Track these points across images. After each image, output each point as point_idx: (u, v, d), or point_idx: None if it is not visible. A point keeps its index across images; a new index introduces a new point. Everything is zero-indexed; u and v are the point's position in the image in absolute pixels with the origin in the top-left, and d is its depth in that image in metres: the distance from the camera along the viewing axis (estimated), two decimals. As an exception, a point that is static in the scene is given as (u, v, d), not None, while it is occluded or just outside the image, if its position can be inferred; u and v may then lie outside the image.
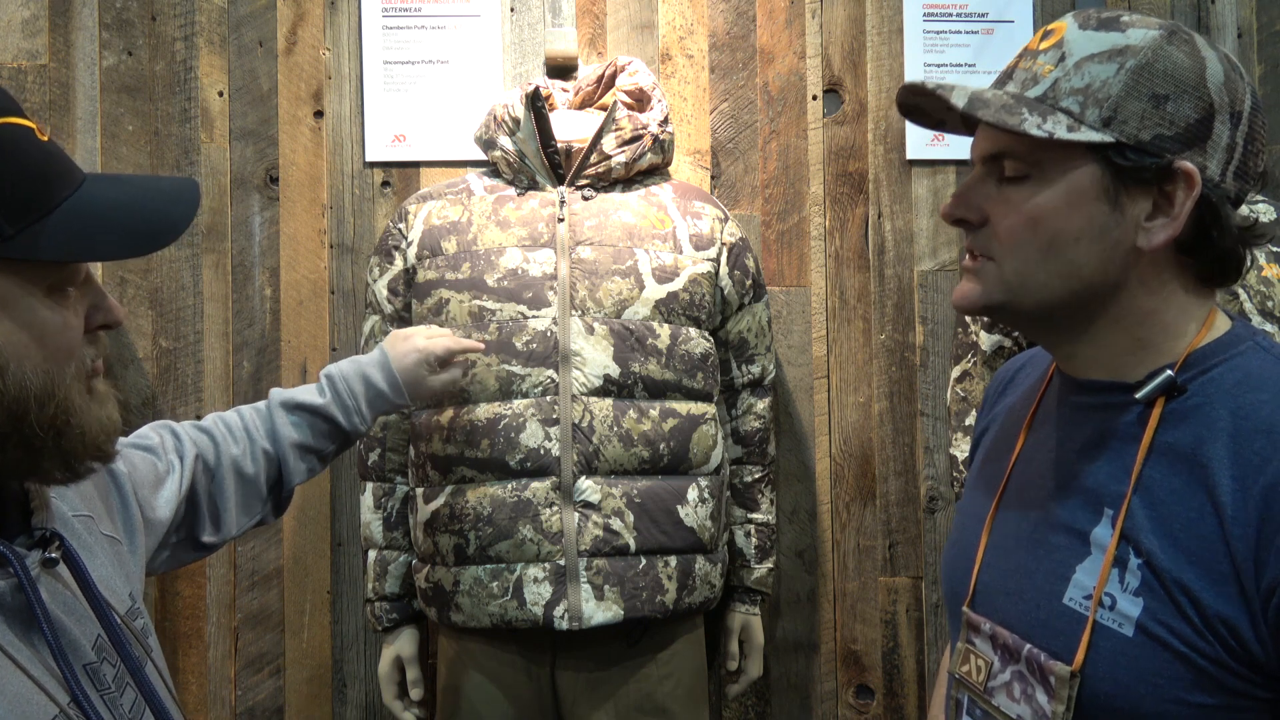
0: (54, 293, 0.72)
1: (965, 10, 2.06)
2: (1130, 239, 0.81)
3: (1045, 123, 0.79)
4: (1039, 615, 0.84)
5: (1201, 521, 0.76)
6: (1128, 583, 0.78)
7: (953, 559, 0.99)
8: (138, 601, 0.90)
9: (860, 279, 2.05)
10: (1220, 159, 0.80)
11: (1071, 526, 0.84)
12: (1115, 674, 0.77)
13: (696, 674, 1.72)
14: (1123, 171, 0.79)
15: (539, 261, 1.65)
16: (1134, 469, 0.80)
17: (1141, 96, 0.79)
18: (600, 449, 1.60)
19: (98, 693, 0.75)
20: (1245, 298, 1.67)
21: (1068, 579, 0.82)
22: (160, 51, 1.97)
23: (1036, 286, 0.83)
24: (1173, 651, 0.75)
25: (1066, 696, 0.79)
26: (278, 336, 1.97)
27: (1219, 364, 0.81)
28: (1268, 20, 2.10)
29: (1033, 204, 0.82)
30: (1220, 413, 0.78)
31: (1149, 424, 0.81)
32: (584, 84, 1.86)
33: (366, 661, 1.98)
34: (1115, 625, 0.78)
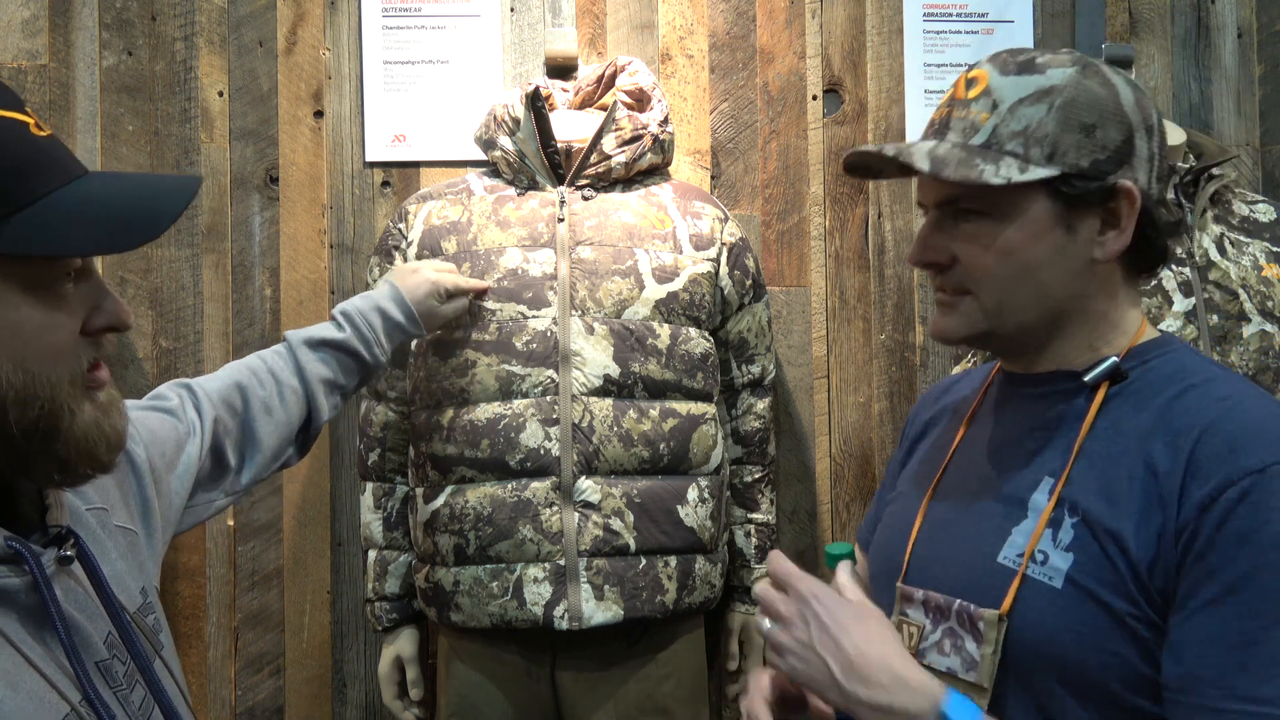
0: (37, 290, 0.69)
1: (965, 10, 2.06)
2: (1086, 254, 0.90)
3: (1000, 169, 0.88)
4: (972, 575, 0.90)
5: (1137, 481, 0.83)
6: (1060, 539, 0.85)
7: (884, 541, 1.04)
8: (150, 596, 0.89)
9: (860, 279, 2.05)
10: (1146, 169, 0.90)
11: (1012, 495, 0.91)
12: (1042, 621, 0.84)
13: (696, 674, 1.72)
14: (1071, 198, 0.89)
15: (539, 261, 1.65)
16: (1077, 441, 0.89)
17: (1073, 129, 0.88)
18: (600, 449, 1.60)
19: (110, 690, 0.75)
20: (1245, 297, 1.67)
21: (1004, 540, 0.89)
22: (160, 51, 1.97)
23: (1014, 310, 0.92)
24: (1097, 602, 0.82)
25: (995, 639, 0.85)
26: (278, 336, 1.97)
27: (1157, 357, 0.91)
28: (1268, 20, 2.10)
29: (1000, 240, 0.90)
30: (1157, 396, 0.88)
31: (1094, 404, 0.90)
32: (584, 84, 1.86)
33: (366, 661, 1.98)
34: (1045, 579, 0.85)
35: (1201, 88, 2.09)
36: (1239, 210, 1.77)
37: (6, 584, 0.70)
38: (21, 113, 0.70)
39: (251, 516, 1.96)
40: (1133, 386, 0.90)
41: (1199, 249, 1.70)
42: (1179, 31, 2.09)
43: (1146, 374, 0.90)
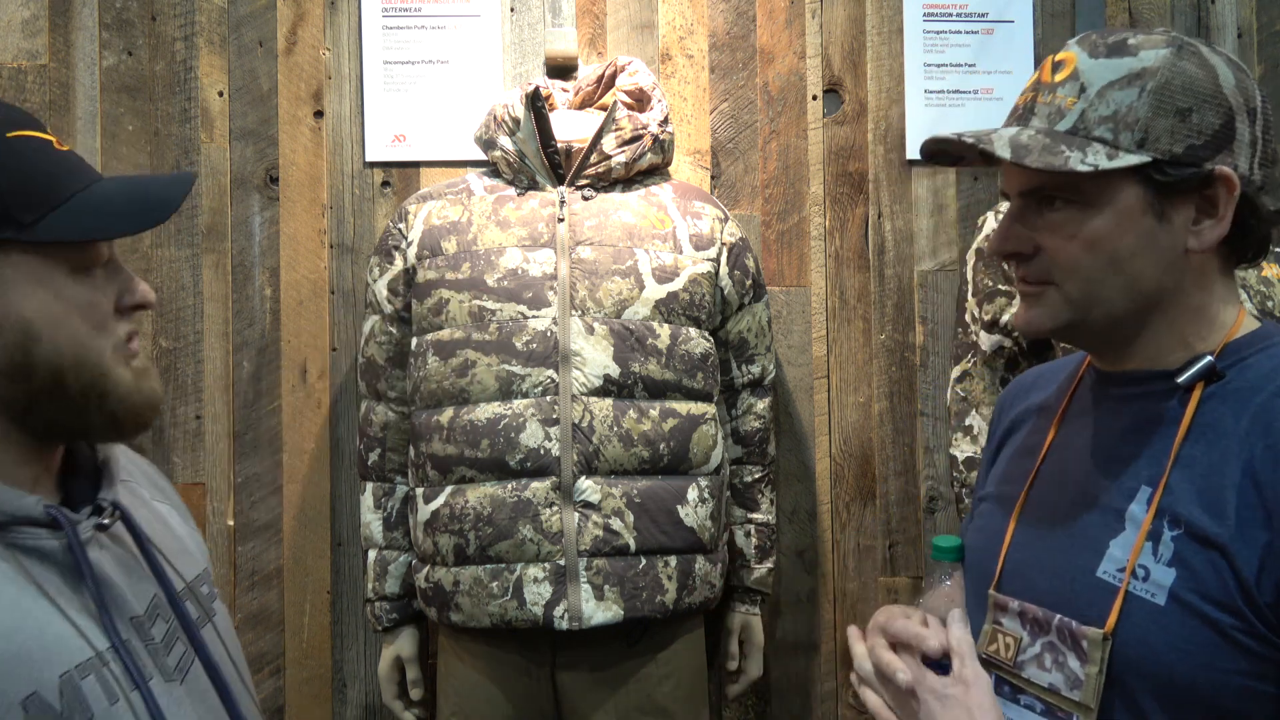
0: (77, 273, 0.82)
1: (965, 10, 2.06)
2: (1180, 244, 0.86)
3: (1087, 156, 0.84)
4: (1072, 589, 0.87)
5: (1239, 491, 0.80)
6: (1161, 554, 0.82)
7: (977, 545, 1.01)
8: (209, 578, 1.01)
9: (860, 279, 2.05)
10: (1247, 155, 0.85)
11: (1107, 505, 0.87)
12: (1147, 639, 0.81)
13: (696, 674, 1.72)
14: (1164, 185, 0.84)
15: (539, 261, 1.65)
16: (1173, 448, 0.84)
17: (1167, 113, 0.84)
18: (600, 449, 1.60)
19: (141, 643, 0.84)
20: (1245, 298, 1.67)
21: (1101, 553, 0.86)
22: (160, 51, 1.97)
23: (1102, 302, 0.88)
24: (1203, 619, 0.79)
25: (1099, 658, 0.83)
26: (278, 336, 1.97)
27: (1255, 353, 0.86)
28: (1268, 20, 2.10)
29: (1087, 229, 0.86)
30: (1256, 395, 0.83)
31: (1189, 406, 0.85)
32: (584, 84, 1.86)
33: (366, 661, 1.98)
34: (1148, 595, 0.81)
35: (1201, 88, 2.09)
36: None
37: (45, 545, 0.80)
38: (44, 132, 0.83)
39: (251, 516, 1.96)
40: (1230, 386, 0.85)
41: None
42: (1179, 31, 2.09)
43: (1244, 372, 0.86)
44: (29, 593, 0.78)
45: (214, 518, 1.95)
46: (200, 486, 1.95)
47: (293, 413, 1.97)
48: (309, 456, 1.98)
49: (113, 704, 0.78)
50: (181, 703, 0.85)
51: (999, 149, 0.86)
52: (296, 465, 1.97)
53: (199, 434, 1.96)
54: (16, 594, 0.77)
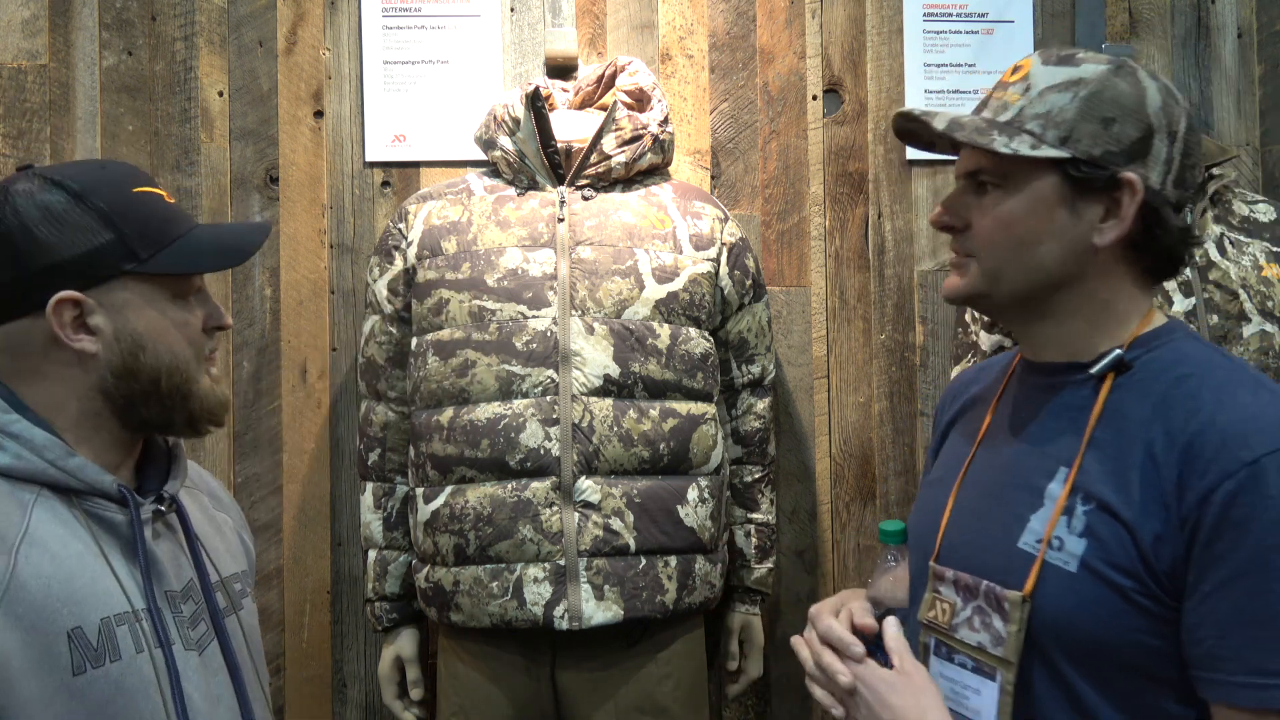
0: (177, 299, 1.04)
1: (965, 10, 2.06)
2: (1087, 238, 0.95)
3: (1011, 141, 0.95)
4: (996, 559, 0.98)
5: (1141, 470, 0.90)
6: (1074, 526, 0.92)
7: (918, 523, 1.11)
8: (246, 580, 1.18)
9: (860, 279, 2.05)
10: (1160, 170, 0.95)
11: (1030, 484, 0.98)
12: (1060, 603, 0.91)
13: (696, 674, 1.72)
14: (1078, 182, 0.94)
15: (539, 261, 1.65)
16: (1086, 432, 0.95)
17: (1092, 119, 0.94)
18: (600, 449, 1.60)
19: (171, 614, 1.00)
20: (1245, 297, 1.67)
21: (1023, 526, 0.96)
22: (160, 51, 1.97)
23: (1009, 279, 0.98)
24: (1109, 584, 0.89)
25: (1019, 619, 0.93)
26: (278, 336, 1.97)
27: (1159, 346, 0.96)
28: (1268, 20, 2.10)
29: (1004, 209, 0.97)
30: (1157, 385, 0.93)
31: (1101, 395, 0.96)
32: (584, 84, 1.86)
33: (366, 661, 1.98)
34: (1062, 563, 0.92)
35: (1201, 88, 2.09)
36: (1239, 210, 1.77)
37: (113, 517, 0.99)
38: (159, 188, 1.06)
39: (251, 516, 1.96)
40: (1136, 376, 0.95)
41: (1199, 249, 1.70)
42: (1179, 31, 2.09)
43: (1149, 363, 0.95)
44: (92, 549, 0.96)
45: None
46: (200, 486, 1.95)
47: (293, 413, 1.97)
48: (309, 456, 1.98)
49: (138, 653, 0.95)
50: (196, 670, 1.00)
51: (937, 122, 0.98)
52: (296, 465, 1.97)
53: (199, 434, 1.96)
54: (82, 549, 0.95)
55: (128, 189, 1.02)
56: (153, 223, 1.02)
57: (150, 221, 1.02)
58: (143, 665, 0.95)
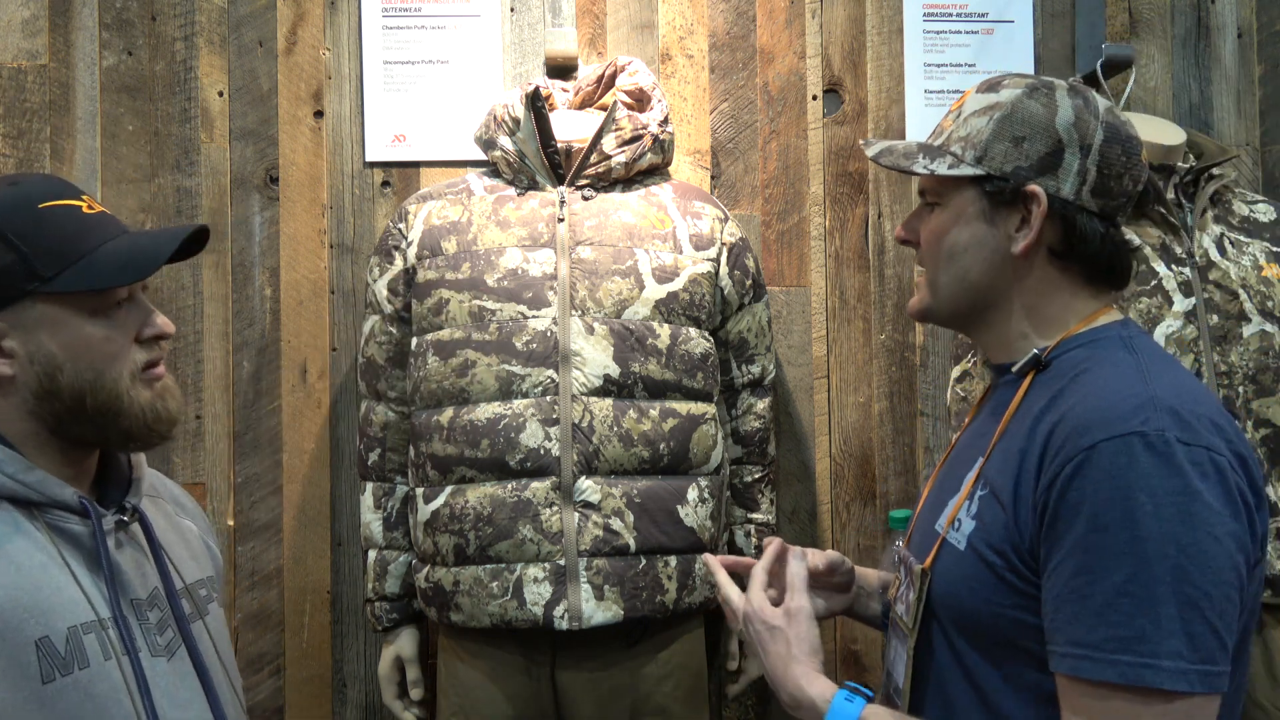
0: (97, 314, 1.01)
1: (965, 10, 2.06)
2: (1005, 248, 1.03)
3: (931, 163, 1.04)
4: (921, 539, 1.09)
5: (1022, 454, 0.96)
6: (970, 509, 1.01)
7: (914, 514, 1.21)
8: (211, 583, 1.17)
9: (860, 279, 2.05)
10: (1073, 182, 1.01)
11: (959, 474, 1.07)
12: (949, 577, 1.01)
13: (696, 674, 1.72)
14: (993, 196, 1.03)
15: (539, 261, 1.65)
16: (1000, 425, 1.03)
17: (1004, 139, 1.02)
18: (600, 449, 1.60)
19: (137, 621, 1.01)
20: (1245, 297, 1.67)
21: (942, 510, 1.06)
22: (160, 51, 1.97)
23: (943, 287, 1.08)
24: (985, 561, 0.96)
25: (920, 589, 1.03)
26: (278, 336, 1.97)
27: (1078, 346, 1.02)
28: (1268, 20, 2.10)
29: (934, 223, 1.07)
30: (1059, 381, 0.99)
31: (1019, 391, 1.03)
32: (584, 84, 1.86)
33: (366, 661, 1.98)
34: (955, 542, 1.01)
35: (1201, 88, 2.09)
36: (1239, 210, 1.77)
37: (74, 528, 1.00)
38: (76, 199, 1.03)
39: (251, 516, 1.96)
40: (1048, 374, 1.02)
41: (1199, 249, 1.70)
42: (1179, 31, 2.09)
43: (1063, 362, 1.01)
44: (55, 560, 0.97)
45: (214, 518, 1.95)
46: (200, 486, 1.95)
47: (293, 413, 1.97)
48: (309, 456, 1.98)
49: (106, 660, 0.96)
50: (165, 675, 1.01)
51: (868, 149, 1.11)
52: (296, 465, 1.97)
53: (199, 434, 1.96)
54: (45, 560, 0.96)
55: (33, 206, 1.00)
56: (59, 239, 0.99)
57: (56, 238, 0.99)
58: (111, 672, 0.96)
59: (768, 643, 1.06)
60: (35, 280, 0.98)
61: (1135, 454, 0.88)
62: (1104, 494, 0.88)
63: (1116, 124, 1.03)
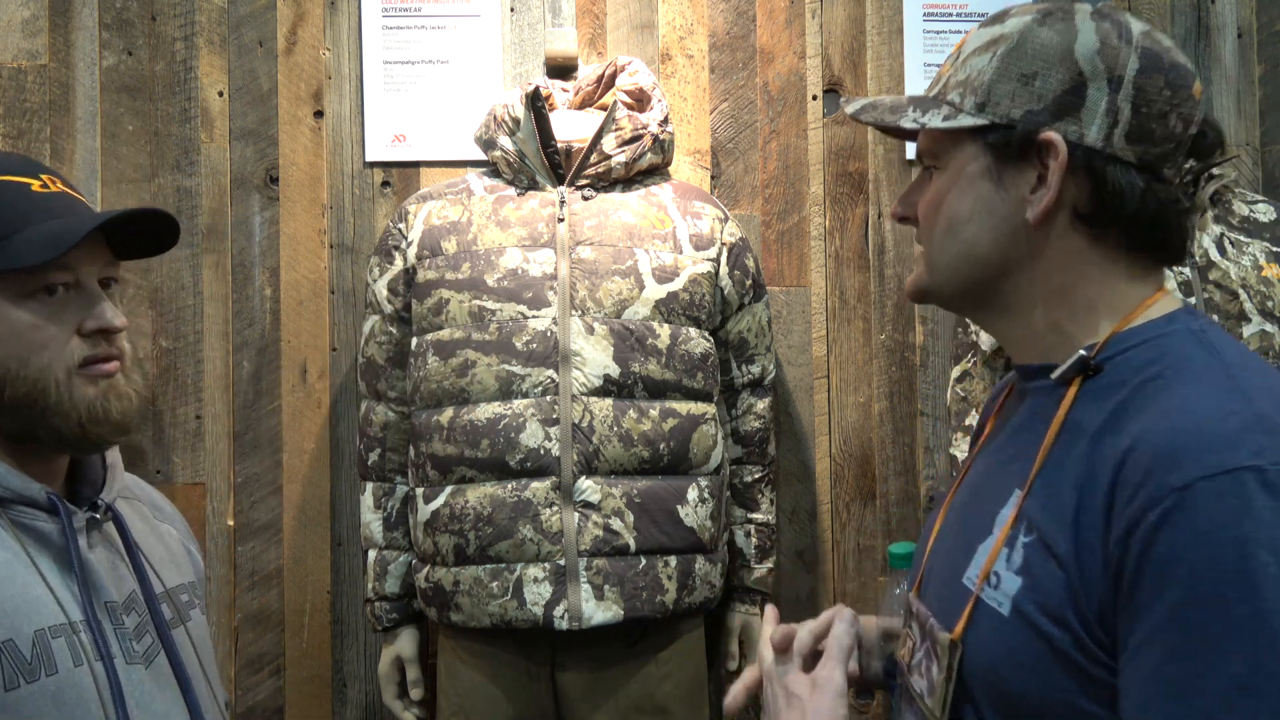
0: (24, 299, 0.93)
1: (965, 10, 2.06)
2: (1019, 214, 0.82)
3: (924, 116, 0.84)
4: (944, 594, 0.85)
5: (1080, 492, 0.74)
6: (1012, 561, 0.78)
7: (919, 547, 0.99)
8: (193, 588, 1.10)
9: (860, 279, 2.05)
10: (1101, 124, 0.79)
11: (987, 509, 0.83)
12: (989, 649, 0.78)
13: (696, 674, 1.72)
14: (1000, 150, 0.82)
15: (539, 261, 1.65)
16: (1042, 449, 0.79)
17: (1010, 78, 0.81)
18: (600, 449, 1.60)
19: (112, 626, 0.94)
20: (1245, 297, 1.67)
21: (970, 558, 0.83)
22: (160, 51, 1.97)
23: (943, 267, 0.87)
24: (1038, 632, 0.74)
25: (947, 665, 0.80)
26: (278, 336, 1.97)
27: (1139, 345, 0.79)
28: (1268, 20, 2.10)
29: (932, 190, 0.87)
30: (1120, 391, 0.77)
31: (1063, 404, 0.80)
32: (584, 84, 1.86)
33: (366, 661, 1.98)
34: (995, 603, 0.78)
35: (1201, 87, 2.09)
36: (1239, 210, 1.77)
37: (44, 527, 0.93)
38: (31, 177, 0.96)
39: (251, 516, 1.96)
40: (1104, 381, 0.79)
41: (1199, 249, 1.70)
42: (1179, 31, 2.09)
43: (1120, 365, 0.79)
44: (21, 559, 0.90)
45: (214, 518, 1.95)
46: (200, 486, 1.95)
47: (293, 413, 1.97)
48: (309, 456, 1.98)
49: (76, 666, 0.89)
50: (140, 684, 0.94)
51: (849, 106, 0.91)
52: (296, 465, 1.97)
53: (199, 434, 1.96)
54: (9, 558, 0.89)
55: None
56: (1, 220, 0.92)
57: None
58: (81, 679, 0.89)
59: (782, 711, 0.87)
60: None
61: (1249, 496, 0.66)
62: (1207, 551, 0.66)
63: (1157, 49, 0.80)
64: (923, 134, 0.88)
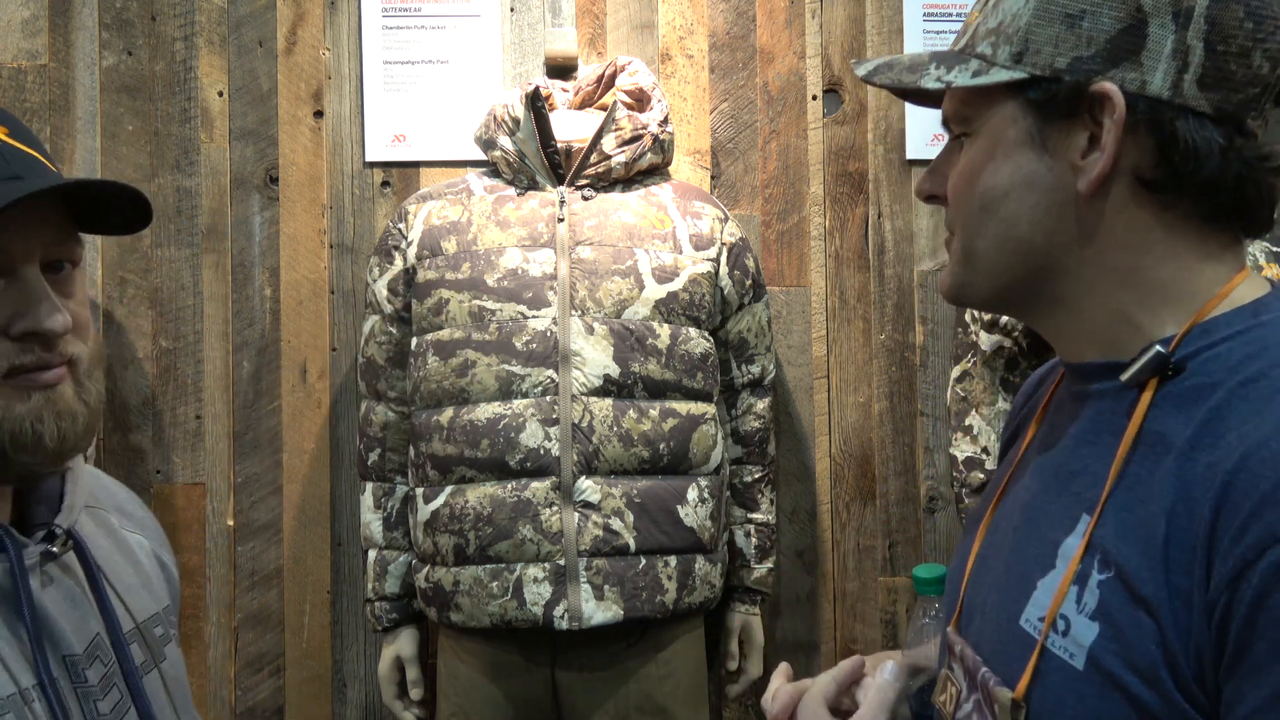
0: None
1: (965, 10, 2.06)
2: (1070, 184, 0.68)
3: (949, 74, 0.71)
4: (998, 636, 0.72)
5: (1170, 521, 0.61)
6: (1085, 603, 0.64)
7: (954, 571, 0.85)
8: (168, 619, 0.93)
9: (860, 279, 2.05)
10: (1167, 69, 0.65)
11: (1046, 535, 0.70)
12: (1061, 711, 0.64)
13: (696, 674, 1.72)
14: (1042, 108, 0.68)
15: (539, 261, 1.65)
16: (1114, 465, 0.66)
17: (1053, 20, 0.67)
18: (600, 449, 1.60)
19: (71, 685, 0.76)
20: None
21: (1029, 596, 0.69)
22: (160, 51, 1.97)
23: (980, 254, 0.73)
24: (1122, 691, 0.61)
25: None
26: (278, 336, 1.97)
27: (1230, 337, 0.65)
28: None
29: (963, 161, 0.73)
30: (1214, 394, 0.63)
31: (1138, 410, 0.66)
32: (584, 84, 1.86)
33: (366, 661, 1.98)
34: (1066, 655, 0.65)
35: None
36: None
37: None
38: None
39: (251, 516, 1.96)
40: (1188, 382, 0.65)
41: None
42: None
43: (1209, 363, 0.65)
44: None
45: (214, 518, 1.96)
46: (200, 486, 1.96)
47: (293, 413, 1.97)
48: (309, 456, 1.98)
49: None
50: None
51: (860, 69, 0.78)
52: (296, 465, 1.97)
53: (199, 434, 1.96)
54: None
55: None
56: None
57: None
58: None
59: None
60: None
61: None
62: None
63: None
64: (949, 95, 0.74)
